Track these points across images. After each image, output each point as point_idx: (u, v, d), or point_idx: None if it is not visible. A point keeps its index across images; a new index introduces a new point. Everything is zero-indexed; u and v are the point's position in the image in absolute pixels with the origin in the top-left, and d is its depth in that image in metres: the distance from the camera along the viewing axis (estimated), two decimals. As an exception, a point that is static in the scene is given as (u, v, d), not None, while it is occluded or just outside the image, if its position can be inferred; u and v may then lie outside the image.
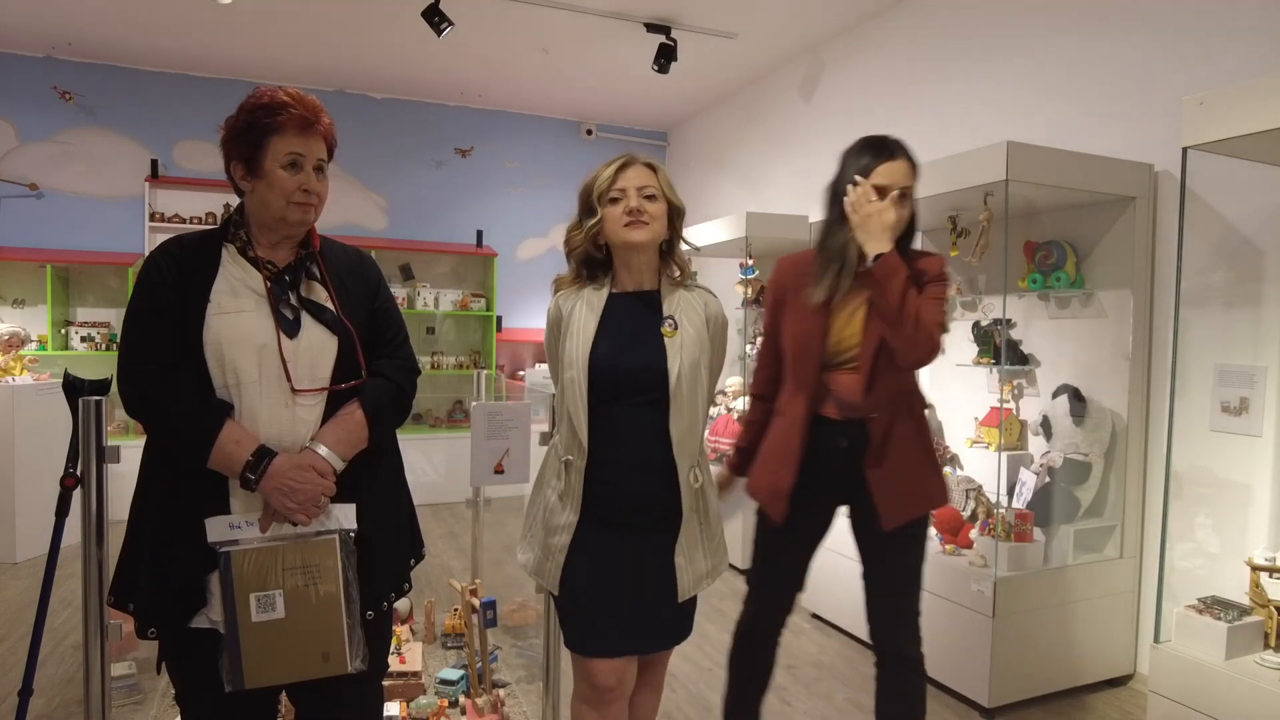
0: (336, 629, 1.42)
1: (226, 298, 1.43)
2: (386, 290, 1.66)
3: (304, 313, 1.49)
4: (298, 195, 1.46)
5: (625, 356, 1.72)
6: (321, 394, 1.48)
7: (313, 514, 1.42)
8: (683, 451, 1.72)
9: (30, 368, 4.77)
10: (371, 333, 1.59)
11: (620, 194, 1.73)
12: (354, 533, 1.47)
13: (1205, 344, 2.78)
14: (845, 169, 1.95)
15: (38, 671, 2.21)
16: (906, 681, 2.09)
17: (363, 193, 6.50)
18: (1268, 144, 2.25)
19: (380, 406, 1.53)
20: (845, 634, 3.51)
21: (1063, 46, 3.47)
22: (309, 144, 1.47)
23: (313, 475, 1.41)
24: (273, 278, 1.48)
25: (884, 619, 2.08)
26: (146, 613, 1.42)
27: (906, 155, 1.93)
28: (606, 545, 1.74)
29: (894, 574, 2.05)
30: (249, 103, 1.46)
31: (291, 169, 1.45)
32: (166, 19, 4.98)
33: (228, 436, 1.38)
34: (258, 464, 1.38)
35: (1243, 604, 2.40)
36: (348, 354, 1.51)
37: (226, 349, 1.40)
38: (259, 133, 1.44)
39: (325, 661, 1.42)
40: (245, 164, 1.47)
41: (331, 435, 1.46)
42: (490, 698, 2.61)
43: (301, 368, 1.45)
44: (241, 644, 1.37)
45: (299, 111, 1.45)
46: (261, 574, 1.38)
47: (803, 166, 5.33)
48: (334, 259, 1.59)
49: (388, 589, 1.58)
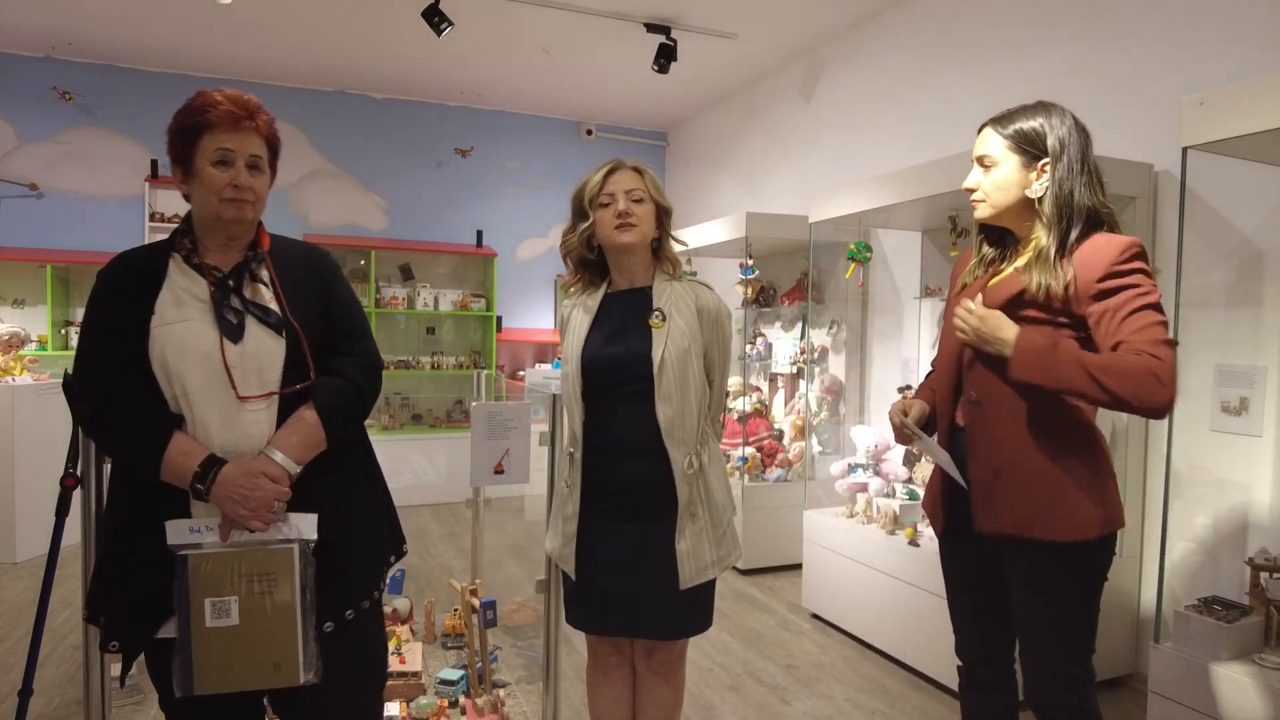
0: (290, 640, 1.40)
1: (170, 308, 1.43)
2: (344, 285, 1.63)
3: (249, 316, 1.47)
4: (228, 191, 1.44)
5: (614, 349, 1.82)
6: (272, 399, 1.46)
7: (267, 520, 1.41)
8: (674, 438, 1.78)
9: (30, 368, 4.76)
10: (328, 330, 1.56)
11: (609, 198, 1.83)
12: (313, 543, 1.45)
13: (1205, 344, 2.78)
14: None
15: (38, 671, 2.21)
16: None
17: (363, 193, 6.50)
18: (1268, 144, 2.25)
19: (334, 405, 1.50)
20: (845, 634, 3.51)
21: (1063, 46, 3.47)
22: (240, 140, 1.45)
23: (264, 481, 1.39)
24: (216, 283, 1.47)
25: (1026, 671, 1.71)
26: (112, 625, 1.42)
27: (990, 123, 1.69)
28: (605, 532, 1.84)
29: (1029, 610, 1.67)
30: (184, 106, 1.47)
31: (220, 166, 1.44)
32: (166, 19, 4.98)
33: (176, 448, 1.37)
34: (206, 474, 1.37)
35: (1243, 604, 2.40)
36: (296, 356, 1.48)
37: (171, 360, 1.39)
38: (190, 133, 1.44)
39: (277, 672, 1.40)
40: (182, 166, 1.47)
41: (284, 440, 1.45)
42: (490, 698, 2.61)
43: (248, 373, 1.44)
44: (194, 649, 1.36)
45: (228, 108, 1.44)
46: (218, 579, 1.37)
47: (803, 166, 5.33)
48: (284, 258, 1.56)
49: (358, 595, 1.55)
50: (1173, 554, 2.66)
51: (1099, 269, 1.53)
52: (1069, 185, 1.60)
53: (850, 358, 4.69)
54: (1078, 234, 1.59)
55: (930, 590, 2.96)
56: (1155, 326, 1.48)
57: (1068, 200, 1.60)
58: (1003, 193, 1.66)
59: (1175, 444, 2.45)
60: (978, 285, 1.76)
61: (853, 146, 4.84)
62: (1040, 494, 1.58)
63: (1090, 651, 1.65)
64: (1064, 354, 1.47)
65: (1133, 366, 1.44)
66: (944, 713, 2.80)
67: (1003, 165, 1.66)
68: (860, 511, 3.56)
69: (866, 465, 3.74)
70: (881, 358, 4.52)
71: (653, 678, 1.97)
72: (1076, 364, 1.46)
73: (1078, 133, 1.63)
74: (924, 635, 3.01)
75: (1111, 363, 1.46)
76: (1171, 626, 2.43)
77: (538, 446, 2.20)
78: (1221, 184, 2.72)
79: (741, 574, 4.40)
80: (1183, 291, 2.56)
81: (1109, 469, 1.65)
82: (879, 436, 3.74)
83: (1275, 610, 2.34)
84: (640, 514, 1.81)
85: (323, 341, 1.54)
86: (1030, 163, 1.63)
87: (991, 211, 1.69)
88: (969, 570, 1.78)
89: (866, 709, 2.84)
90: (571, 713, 2.68)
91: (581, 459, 1.86)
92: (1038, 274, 1.58)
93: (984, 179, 1.69)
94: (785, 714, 2.80)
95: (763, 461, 4.63)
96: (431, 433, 6.24)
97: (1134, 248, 1.54)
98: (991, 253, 1.77)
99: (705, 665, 3.17)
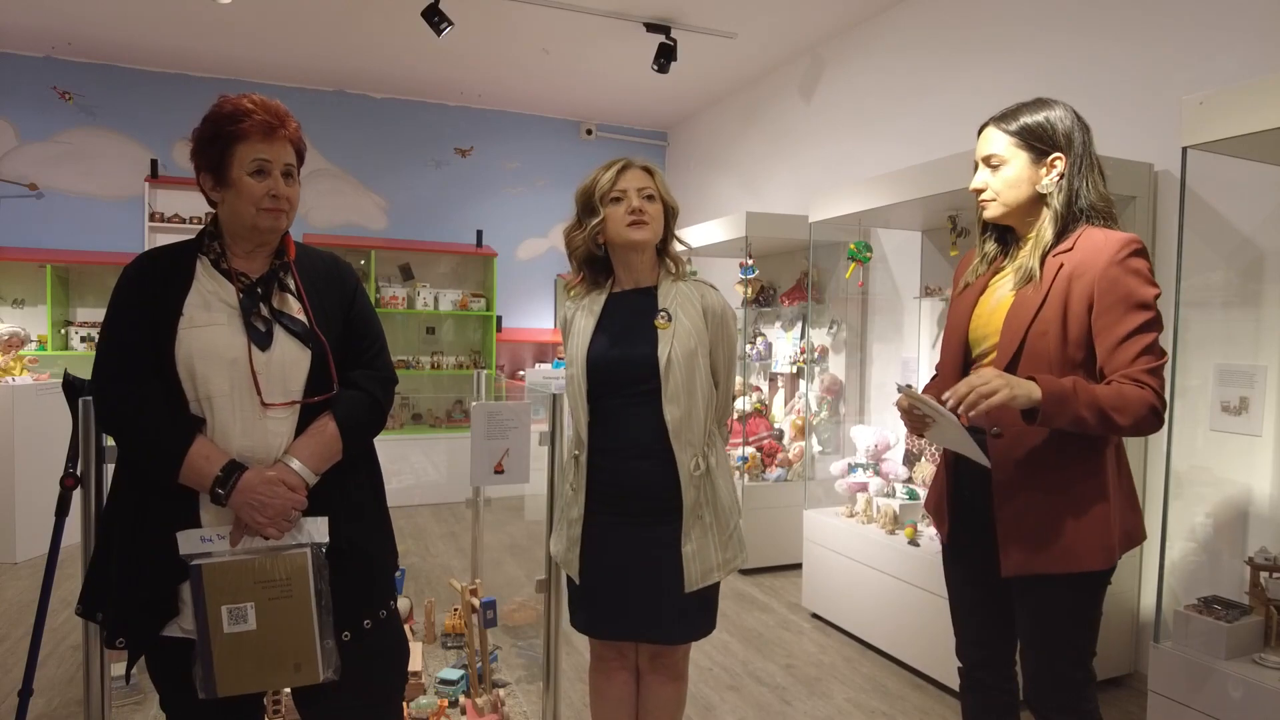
0: (308, 641, 1.42)
1: (198, 311, 1.43)
2: (364, 297, 1.65)
3: (276, 325, 1.48)
4: (266, 201, 1.45)
5: (620, 350, 1.81)
6: (294, 407, 1.47)
7: (283, 528, 1.42)
8: (681, 439, 1.77)
9: (30, 368, 4.76)
10: (347, 341, 1.57)
11: (621, 194, 1.81)
12: (325, 546, 1.46)
13: (1205, 344, 2.78)
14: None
15: (38, 671, 2.21)
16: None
17: (363, 193, 6.50)
18: (1268, 144, 2.25)
19: (354, 419, 1.52)
20: (845, 634, 3.51)
21: (1063, 46, 3.47)
22: (274, 149, 1.46)
23: (282, 490, 1.40)
24: (245, 290, 1.47)
25: (1026, 671, 1.71)
26: (115, 623, 1.42)
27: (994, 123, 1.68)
28: (610, 535, 1.82)
29: (1034, 621, 1.66)
30: (213, 113, 1.46)
31: (258, 175, 1.44)
32: (166, 19, 4.98)
33: (197, 452, 1.38)
34: (227, 479, 1.38)
35: (1243, 604, 2.40)
36: (320, 366, 1.49)
37: (198, 363, 1.40)
38: (224, 141, 1.44)
39: (296, 672, 1.42)
40: (213, 174, 1.47)
41: (304, 449, 1.46)
42: (490, 698, 2.61)
43: (273, 381, 1.45)
44: (214, 654, 1.38)
45: (262, 117, 1.44)
46: (233, 587, 1.38)
47: (802, 166, 5.33)
48: (309, 268, 1.58)
49: (375, 603, 1.56)
50: (1173, 554, 2.66)
51: (1097, 267, 1.53)
52: (1079, 179, 1.61)
53: (850, 357, 4.69)
54: (1078, 227, 1.60)
55: (930, 590, 2.96)
56: (1148, 355, 1.51)
57: (1077, 194, 1.61)
58: (1014, 190, 1.65)
59: (1175, 444, 2.45)
60: (980, 284, 1.75)
61: (853, 146, 4.84)
62: (1068, 532, 1.56)
63: (1091, 654, 1.65)
64: (1082, 396, 1.47)
65: (1135, 400, 1.48)
66: (944, 713, 2.80)
67: (1012, 163, 1.65)
68: (860, 511, 3.56)
69: (866, 465, 3.74)
70: (881, 358, 4.52)
71: (657, 680, 1.96)
72: (1092, 406, 1.47)
73: (1081, 126, 1.64)
74: (924, 635, 3.01)
75: (1118, 401, 1.48)
76: (1171, 626, 2.43)
77: (538, 446, 2.20)
78: (1221, 184, 2.72)
79: (741, 574, 4.40)
80: (1183, 291, 2.56)
81: (1129, 483, 1.66)
82: (879, 436, 3.74)
83: (1275, 610, 2.34)
84: (646, 517, 1.80)
85: (342, 352, 1.55)
86: (1039, 158, 1.63)
87: (1003, 210, 1.68)
88: (971, 572, 1.77)
89: (866, 709, 2.84)
90: (571, 713, 2.68)
91: (587, 461, 1.84)
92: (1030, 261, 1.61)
93: (992, 178, 1.68)
94: (785, 714, 2.80)
95: (763, 461, 4.63)
96: (431, 433, 6.24)
97: (1133, 244, 1.54)
98: (994, 250, 1.77)
99: (705, 665, 3.16)
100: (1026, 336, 1.58)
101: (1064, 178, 1.61)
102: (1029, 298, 1.60)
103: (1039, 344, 1.57)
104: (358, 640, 1.50)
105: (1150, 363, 1.51)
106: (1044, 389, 1.46)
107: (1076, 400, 1.46)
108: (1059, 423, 1.48)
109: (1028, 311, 1.59)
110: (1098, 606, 1.65)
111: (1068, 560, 1.56)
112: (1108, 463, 1.60)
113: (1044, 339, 1.57)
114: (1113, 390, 1.49)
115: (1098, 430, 1.50)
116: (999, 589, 1.70)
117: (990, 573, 1.67)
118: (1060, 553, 1.56)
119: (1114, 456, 1.63)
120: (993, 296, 1.71)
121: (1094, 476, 1.58)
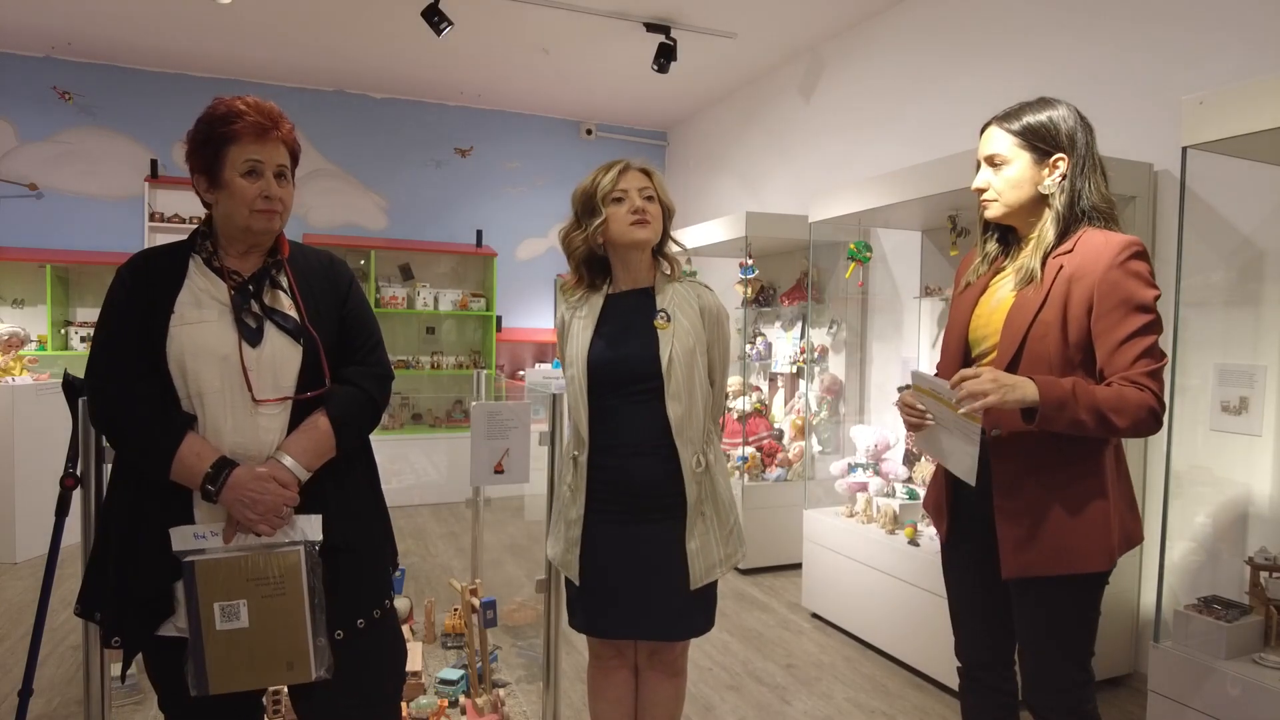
0: (301, 638, 1.42)
1: (189, 309, 1.44)
2: (359, 294, 1.65)
3: (268, 322, 1.48)
4: (259, 203, 1.45)
5: (620, 350, 1.82)
6: (285, 403, 1.47)
7: (275, 525, 1.42)
8: (683, 436, 1.80)
9: (30, 368, 4.76)
10: (342, 338, 1.57)
11: (623, 194, 1.83)
12: (319, 544, 1.46)
13: (1205, 344, 2.78)
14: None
15: (38, 671, 2.21)
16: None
17: (362, 192, 6.50)
18: (1267, 144, 2.25)
19: (346, 414, 1.52)
20: (845, 633, 3.51)
21: (1063, 46, 3.47)
22: (267, 150, 1.46)
23: (273, 486, 1.40)
24: (236, 287, 1.48)
25: (1025, 671, 1.71)
26: (111, 622, 1.42)
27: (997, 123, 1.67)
28: (611, 535, 1.83)
29: (1033, 621, 1.66)
30: (206, 114, 1.46)
31: (251, 176, 1.45)
32: (166, 19, 4.98)
33: (188, 449, 1.38)
34: (217, 475, 1.38)
35: (1242, 603, 2.40)
36: (313, 363, 1.49)
37: (189, 360, 1.40)
38: (216, 143, 1.44)
39: (289, 670, 1.42)
40: (207, 176, 1.47)
41: (296, 445, 1.46)
42: (490, 698, 2.61)
43: (264, 377, 1.45)
44: (206, 652, 1.38)
45: (255, 118, 1.44)
46: (226, 584, 1.38)
47: (802, 166, 5.33)
48: (303, 265, 1.58)
49: (368, 603, 1.55)
50: (1173, 553, 2.66)
51: (1097, 270, 1.53)
52: (1081, 179, 1.61)
53: (850, 357, 4.69)
54: (1079, 228, 1.59)
55: (930, 590, 2.96)
56: (1148, 357, 1.50)
57: (1079, 194, 1.60)
58: (1016, 190, 1.65)
59: (1175, 444, 2.45)
60: (981, 284, 1.75)
61: (853, 146, 4.84)
62: (1067, 532, 1.56)
63: (1090, 655, 1.65)
64: (1081, 398, 1.47)
65: (1134, 403, 1.48)
66: (944, 713, 2.80)
67: (1014, 163, 1.64)
68: (860, 511, 3.56)
69: (866, 465, 3.74)
70: (881, 357, 4.52)
71: (656, 677, 1.97)
72: (1091, 408, 1.47)
73: (1084, 127, 1.64)
74: (924, 635, 3.01)
75: (1117, 403, 1.47)
76: (1171, 626, 2.43)
77: (538, 446, 2.20)
78: (1221, 184, 2.72)
79: (741, 574, 4.40)
80: (1183, 291, 2.56)
81: (1128, 484, 1.65)
82: (879, 436, 3.74)
83: (1275, 610, 2.34)
84: (648, 515, 1.81)
85: (337, 349, 1.55)
86: (1042, 158, 1.63)
87: (1004, 210, 1.68)
88: (970, 572, 1.77)
89: (866, 709, 2.84)
90: (571, 712, 2.68)
91: (587, 461, 1.85)
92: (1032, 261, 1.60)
93: (994, 178, 1.67)
94: (785, 714, 2.80)
95: (763, 461, 4.63)
96: (431, 432, 6.24)
97: (1133, 246, 1.54)
98: (995, 250, 1.77)
99: (705, 665, 3.17)
100: (1026, 337, 1.57)
101: (1066, 178, 1.61)
102: (1029, 298, 1.60)
103: (1039, 345, 1.57)
104: (352, 638, 1.50)
105: (1150, 365, 1.50)
106: (1042, 391, 1.46)
107: (1075, 402, 1.46)
108: (1058, 424, 1.48)
109: (1028, 312, 1.59)
110: (1096, 607, 1.64)
111: (1067, 561, 1.56)
112: (1107, 463, 1.60)
113: (1044, 340, 1.57)
114: (1112, 392, 1.49)
115: (1097, 432, 1.49)
116: (998, 588, 1.69)
117: (989, 572, 1.67)
118: (1060, 553, 1.56)
119: (1113, 457, 1.62)
120: (993, 297, 1.71)
121: (1093, 477, 1.58)
